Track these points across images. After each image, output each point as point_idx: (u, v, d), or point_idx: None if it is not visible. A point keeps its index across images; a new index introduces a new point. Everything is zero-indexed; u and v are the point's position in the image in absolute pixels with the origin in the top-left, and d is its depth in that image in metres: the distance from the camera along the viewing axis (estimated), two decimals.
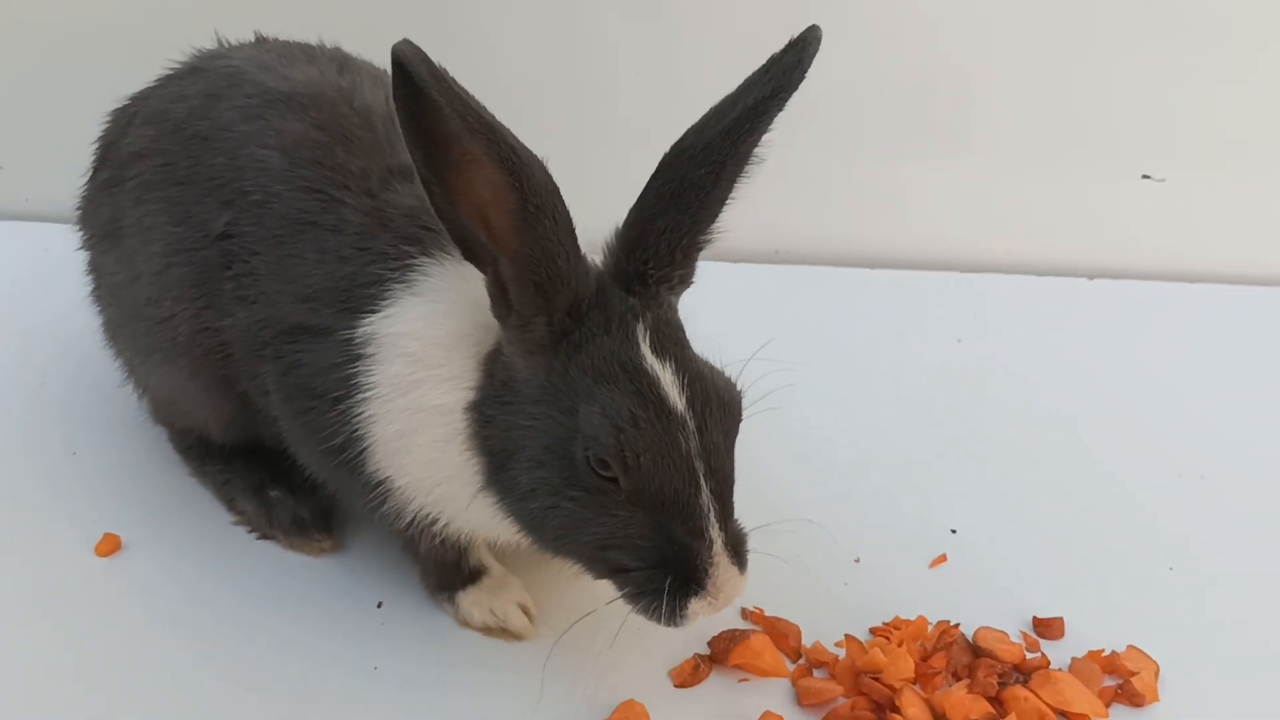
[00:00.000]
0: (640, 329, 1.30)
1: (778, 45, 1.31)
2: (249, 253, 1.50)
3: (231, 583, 1.63)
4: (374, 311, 1.41)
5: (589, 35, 2.27)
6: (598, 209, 1.33)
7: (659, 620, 1.30)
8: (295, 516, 1.68)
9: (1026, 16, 2.27)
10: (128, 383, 1.79)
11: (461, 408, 1.35)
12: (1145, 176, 2.39)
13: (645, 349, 1.30)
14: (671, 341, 1.32)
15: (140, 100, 1.67)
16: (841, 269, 2.42)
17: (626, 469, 1.25)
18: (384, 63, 1.19)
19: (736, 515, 1.34)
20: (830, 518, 1.77)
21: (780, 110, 1.29)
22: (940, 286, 2.39)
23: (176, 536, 1.69)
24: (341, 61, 1.63)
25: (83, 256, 1.76)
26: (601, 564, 1.32)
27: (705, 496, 1.28)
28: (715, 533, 1.28)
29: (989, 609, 1.63)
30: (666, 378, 1.28)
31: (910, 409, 2.04)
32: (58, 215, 2.26)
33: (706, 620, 1.54)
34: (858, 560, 1.72)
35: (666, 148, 1.31)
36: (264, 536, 1.70)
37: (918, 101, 2.36)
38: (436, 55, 1.16)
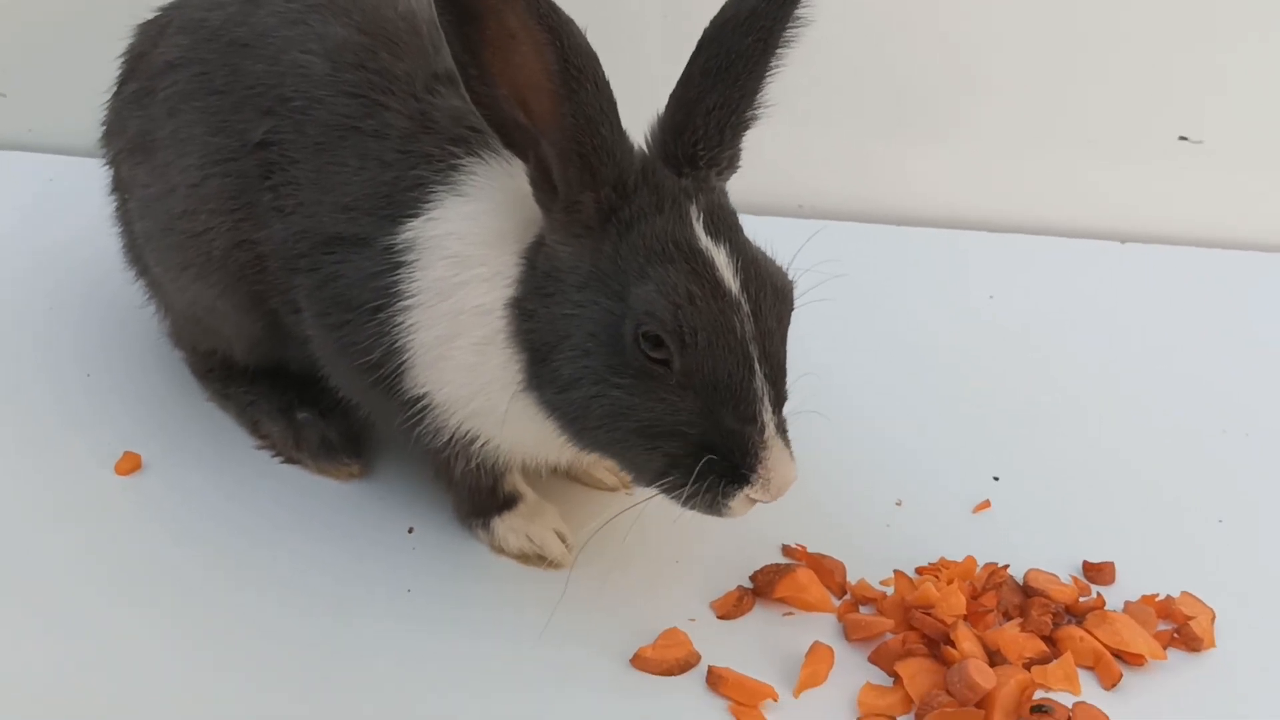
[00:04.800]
0: (694, 210, 1.27)
1: None
2: (289, 161, 1.45)
3: (256, 506, 1.58)
4: (416, 216, 1.37)
5: None
6: None
7: (703, 509, 1.26)
8: (323, 439, 1.62)
9: None
10: (149, 304, 1.74)
11: (502, 305, 1.31)
12: (1182, 138, 2.35)
13: (699, 229, 1.26)
14: (725, 225, 1.28)
15: (173, 9, 1.62)
16: (869, 225, 2.37)
17: (683, 346, 1.21)
18: None
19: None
20: (868, 462, 1.73)
21: None
22: (971, 245, 2.34)
23: (197, 459, 1.64)
24: None
25: (104, 176, 1.71)
26: (646, 455, 1.27)
27: (759, 381, 1.23)
28: (768, 417, 1.24)
29: (1037, 554, 1.59)
30: (721, 259, 1.25)
31: (943, 361, 1.99)
32: (61, 146, 2.26)
33: (748, 554, 1.54)
34: (899, 503, 1.68)
35: None
36: (289, 461, 1.65)
37: (953, 58, 2.31)
38: None
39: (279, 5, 1.50)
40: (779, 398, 1.26)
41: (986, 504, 1.68)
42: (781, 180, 2.33)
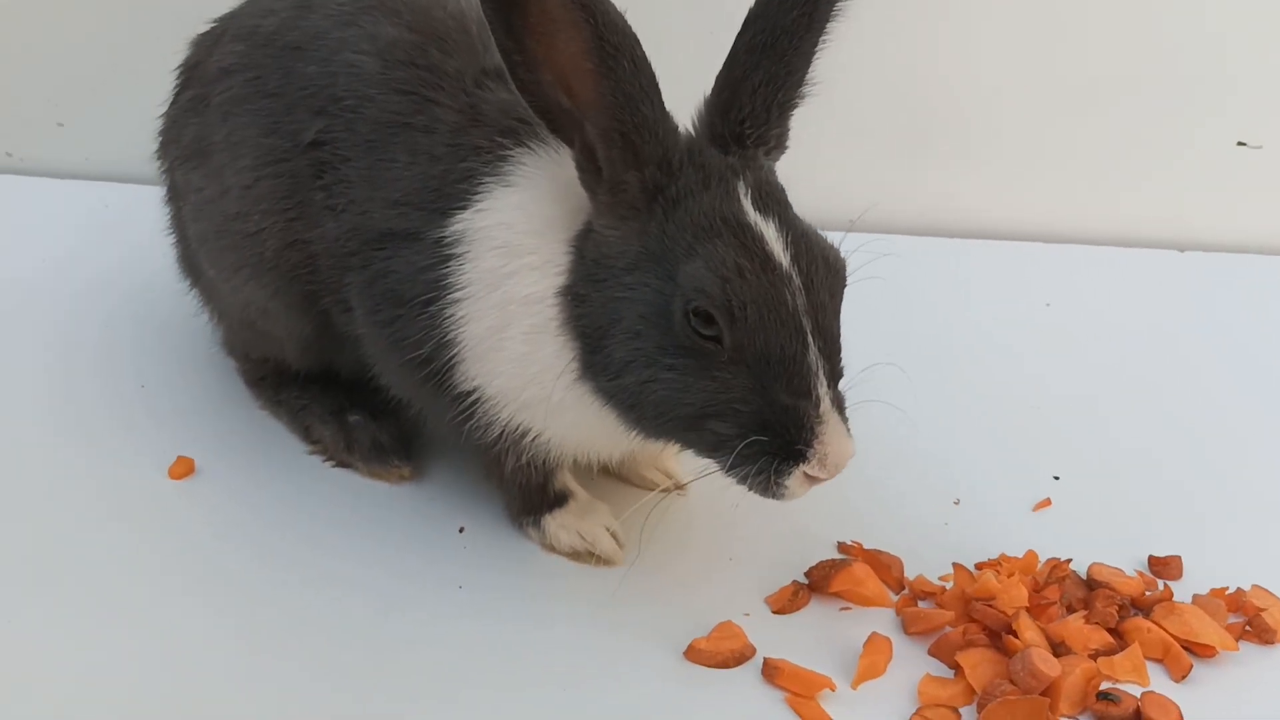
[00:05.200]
0: (741, 186, 1.26)
1: None
2: (340, 160, 1.46)
3: (308, 508, 1.57)
4: (465, 208, 1.37)
5: None
6: None
7: (759, 490, 1.24)
8: (375, 441, 1.62)
9: None
10: (201, 315, 1.76)
11: (553, 293, 1.31)
12: (1241, 144, 2.31)
13: (747, 204, 1.25)
14: (774, 201, 1.27)
15: (227, 20, 1.64)
16: (923, 238, 2.35)
17: (733, 320, 1.20)
18: None
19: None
20: (925, 462, 1.71)
21: None
22: (1029, 256, 2.32)
23: (250, 464, 1.64)
24: None
25: (158, 197, 1.74)
26: (700, 436, 1.26)
27: (813, 354, 1.21)
28: (824, 391, 1.22)
29: (1100, 550, 1.55)
30: (770, 233, 1.24)
31: (999, 366, 1.97)
32: (117, 174, 2.29)
33: (803, 551, 1.51)
34: (957, 502, 1.65)
35: None
36: (341, 465, 1.64)
37: (1011, 66, 2.30)
38: None
39: (331, 8, 1.52)
40: (834, 372, 1.25)
41: (1047, 502, 1.65)
42: (835, 196, 2.32)
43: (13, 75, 2.32)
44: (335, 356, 1.62)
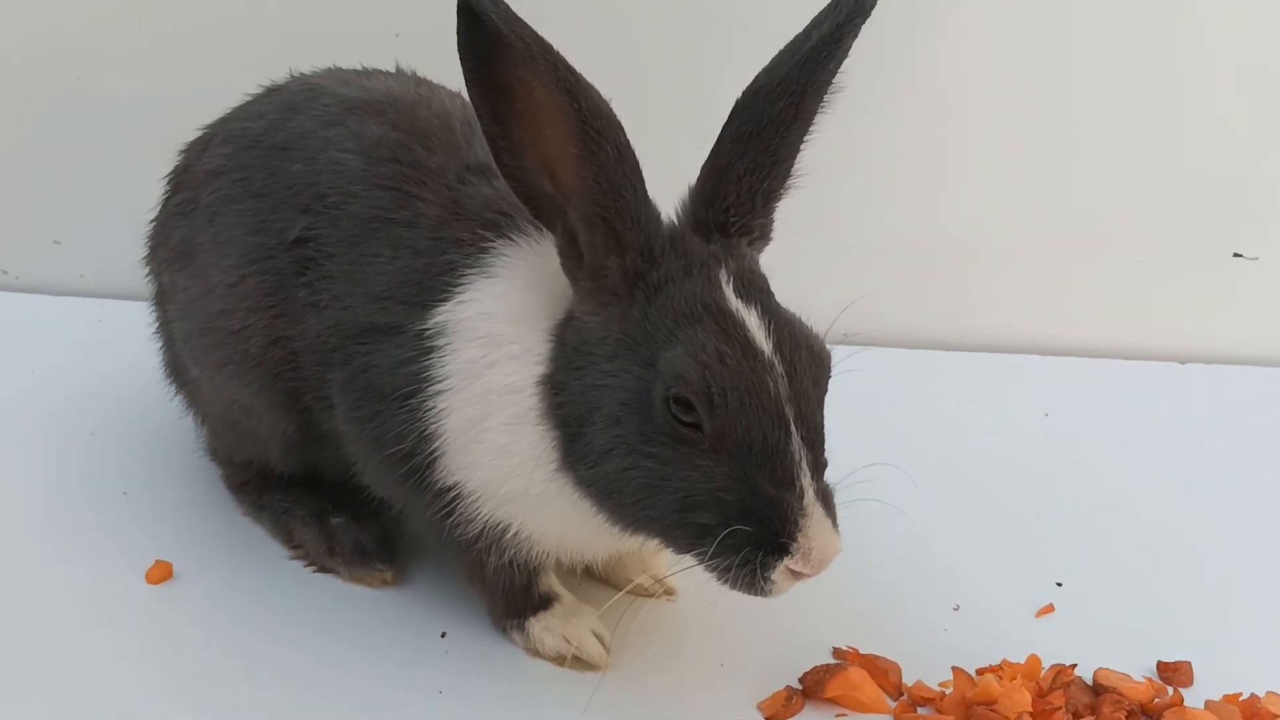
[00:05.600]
0: (723, 274, 1.25)
1: None
2: (324, 256, 1.46)
3: (288, 613, 1.53)
4: (447, 300, 1.36)
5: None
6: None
7: (742, 587, 1.19)
8: (357, 543, 1.59)
9: (1114, 92, 2.23)
10: (187, 419, 1.74)
11: (533, 383, 1.29)
12: (1237, 255, 2.31)
13: (729, 291, 1.24)
14: (756, 289, 1.26)
15: (217, 125, 1.66)
16: (918, 351, 2.33)
17: (713, 408, 1.17)
18: None
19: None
20: (922, 569, 1.66)
21: (856, 37, 1.26)
22: (1025, 369, 2.29)
23: (230, 569, 1.61)
24: (418, 78, 1.62)
25: (148, 313, 1.75)
26: (683, 528, 1.22)
27: (796, 443, 1.18)
28: (807, 482, 1.18)
29: (1105, 657, 1.49)
30: (752, 321, 1.22)
31: (997, 475, 1.92)
32: (111, 290, 2.29)
33: (796, 657, 1.46)
34: (957, 608, 1.60)
35: None
36: (323, 569, 1.61)
37: (1003, 182, 2.30)
38: None
39: (317, 109, 1.53)
40: (818, 463, 1.21)
41: (1050, 608, 1.60)
42: (829, 310, 2.32)
43: (10, 193, 2.35)
44: (318, 456, 1.59)
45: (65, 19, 2.23)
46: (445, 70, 1.52)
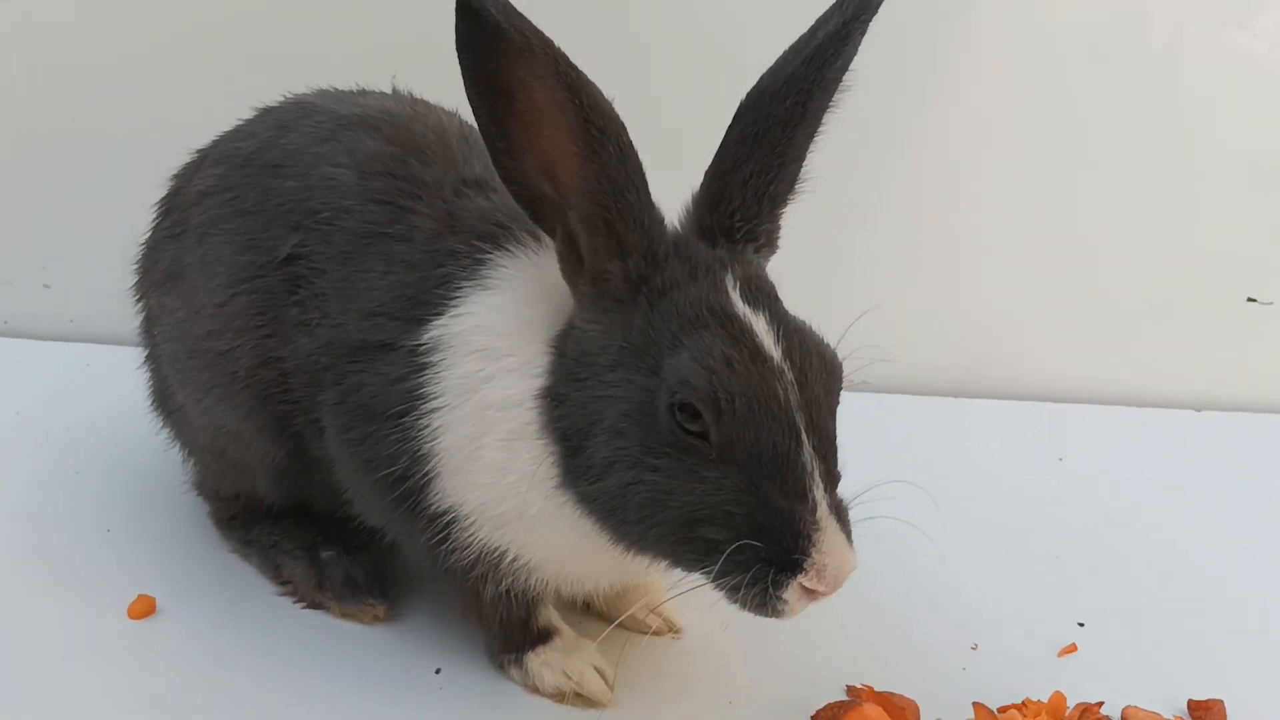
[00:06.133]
0: (729, 279, 1.20)
1: None
2: (315, 273, 1.41)
3: (275, 651, 1.46)
4: (441, 314, 1.31)
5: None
6: None
7: (753, 607, 1.13)
8: (348, 577, 1.52)
9: (1129, 137, 2.20)
10: (174, 448, 1.68)
11: (531, 396, 1.23)
12: (1251, 300, 2.26)
13: (736, 296, 1.19)
14: (764, 294, 1.21)
15: (209, 147, 1.62)
16: (931, 398, 2.28)
17: (720, 414, 1.11)
18: None
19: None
20: (940, 609, 1.60)
21: (863, 34, 1.22)
22: (1039, 417, 2.24)
23: (215, 606, 1.54)
24: (414, 98, 1.59)
25: (137, 356, 1.70)
26: (690, 544, 1.15)
27: (807, 453, 1.12)
28: (820, 494, 1.12)
29: (1132, 694, 1.43)
30: (760, 326, 1.17)
31: (1015, 519, 1.86)
32: (101, 335, 2.24)
33: (809, 695, 1.40)
34: (975, 647, 1.53)
35: None
36: (313, 605, 1.54)
37: (1019, 227, 2.27)
38: None
39: (310, 126, 1.49)
40: (830, 474, 1.15)
41: (1073, 648, 1.53)
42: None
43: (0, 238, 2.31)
44: (308, 485, 1.53)
45: (55, 62, 2.20)
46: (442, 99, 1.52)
